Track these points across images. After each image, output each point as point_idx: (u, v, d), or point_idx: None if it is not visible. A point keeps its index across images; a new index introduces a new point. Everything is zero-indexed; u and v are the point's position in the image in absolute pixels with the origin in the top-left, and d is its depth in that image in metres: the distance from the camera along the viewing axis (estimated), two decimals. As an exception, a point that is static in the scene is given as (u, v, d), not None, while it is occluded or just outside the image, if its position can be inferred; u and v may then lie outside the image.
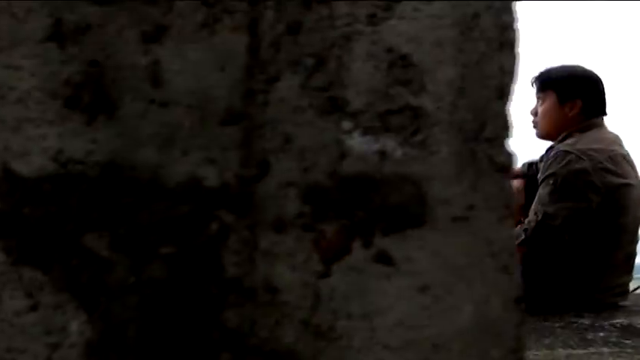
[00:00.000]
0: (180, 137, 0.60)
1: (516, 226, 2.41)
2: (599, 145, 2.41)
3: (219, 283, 0.59)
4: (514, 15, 0.66)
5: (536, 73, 2.61)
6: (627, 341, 1.76)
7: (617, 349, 1.66)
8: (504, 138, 0.65)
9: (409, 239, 0.62)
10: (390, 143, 0.63)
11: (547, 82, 2.57)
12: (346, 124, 0.63)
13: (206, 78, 0.60)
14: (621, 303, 2.53)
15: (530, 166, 2.76)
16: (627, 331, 1.93)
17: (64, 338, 0.58)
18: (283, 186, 0.61)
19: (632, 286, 3.13)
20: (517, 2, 0.66)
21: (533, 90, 2.62)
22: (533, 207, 2.38)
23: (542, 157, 2.57)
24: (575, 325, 2.06)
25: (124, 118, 0.59)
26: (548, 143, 2.60)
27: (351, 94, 0.63)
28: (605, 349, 1.67)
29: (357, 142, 0.62)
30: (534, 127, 2.61)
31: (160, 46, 0.60)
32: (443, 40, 0.64)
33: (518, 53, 0.66)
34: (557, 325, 2.06)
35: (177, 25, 0.60)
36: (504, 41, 0.65)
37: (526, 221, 2.37)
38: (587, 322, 2.09)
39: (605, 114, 2.58)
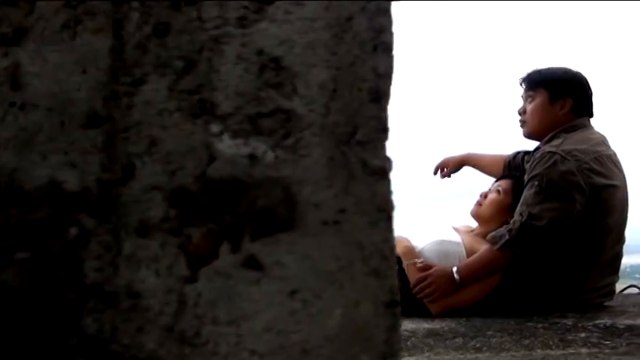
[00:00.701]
0: (40, 140, 0.59)
1: (502, 226, 2.46)
2: (584, 146, 2.42)
3: (78, 288, 0.58)
4: (390, 17, 0.66)
5: (525, 73, 2.62)
6: (607, 342, 1.77)
7: (595, 350, 1.66)
8: (379, 141, 0.64)
9: (279, 243, 0.62)
10: (260, 146, 0.62)
11: (538, 80, 2.58)
12: (215, 127, 0.62)
13: (67, 80, 0.59)
14: (607, 303, 2.56)
15: (518, 154, 2.76)
16: (609, 331, 1.93)
17: None
18: (148, 190, 0.60)
19: (620, 287, 3.17)
20: (394, 4, 0.66)
21: (521, 89, 2.63)
22: (518, 208, 2.39)
23: (529, 158, 2.58)
24: (558, 325, 2.07)
25: (-16, 121, 0.59)
26: (535, 143, 2.61)
27: (220, 97, 0.62)
28: (584, 350, 1.67)
29: (226, 145, 0.62)
30: (521, 126, 2.62)
31: (19, 49, 0.59)
32: (315, 42, 0.64)
33: (393, 56, 0.65)
34: (539, 325, 2.08)
35: (38, 27, 0.59)
36: (379, 44, 0.65)
37: (511, 222, 2.38)
38: (570, 323, 2.10)
39: (592, 115, 2.60)
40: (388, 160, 0.65)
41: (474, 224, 2.70)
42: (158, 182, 0.61)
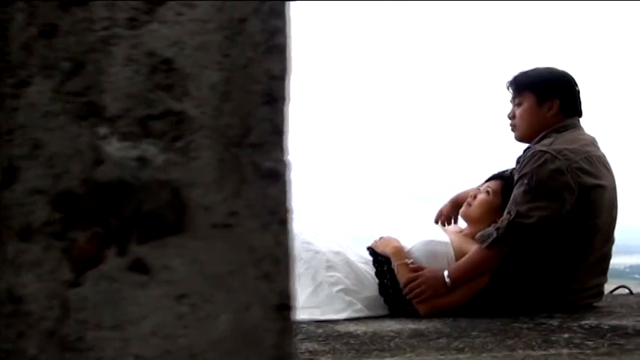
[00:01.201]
0: None
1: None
2: (575, 146, 2.42)
3: (-45, 294, 0.57)
4: (285, 19, 0.65)
5: (511, 77, 2.61)
6: (589, 342, 1.76)
7: (576, 351, 1.66)
8: (272, 144, 0.64)
9: (167, 247, 0.61)
10: (150, 149, 0.62)
11: (524, 83, 2.58)
12: (102, 130, 0.61)
13: (-53, 82, 0.58)
14: (596, 304, 2.55)
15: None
16: (593, 332, 1.93)
17: None
18: (32, 193, 0.60)
19: (608, 288, 3.18)
20: (290, 5, 0.65)
21: (509, 94, 2.63)
22: (507, 206, 2.38)
23: (519, 158, 2.57)
24: (544, 326, 2.07)
25: None
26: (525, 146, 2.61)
27: (108, 99, 0.61)
28: (565, 350, 1.67)
29: (115, 148, 0.61)
30: (512, 130, 2.61)
31: None
32: (207, 44, 0.63)
33: (289, 58, 0.65)
34: (525, 326, 2.07)
35: None
36: (273, 46, 0.64)
37: (499, 220, 2.37)
38: (555, 324, 2.10)
39: (581, 114, 2.60)
40: (283, 163, 0.64)
41: (464, 225, 2.70)
42: (42, 186, 0.60)
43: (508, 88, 2.62)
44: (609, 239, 2.55)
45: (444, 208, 2.86)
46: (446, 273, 2.42)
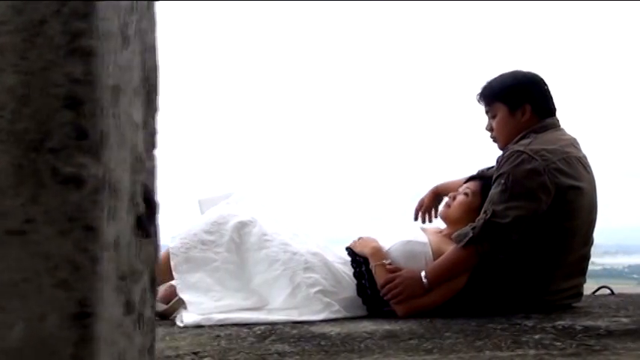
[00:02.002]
0: None
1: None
2: (553, 146, 2.39)
3: None
4: (91, 21, 0.64)
5: (479, 90, 2.59)
6: (558, 343, 1.74)
7: (543, 352, 1.64)
8: (74, 149, 0.62)
9: (-39, 255, 0.60)
10: (-55, 155, 0.61)
11: (492, 95, 2.56)
12: None
13: None
14: (575, 304, 2.53)
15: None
16: (565, 333, 1.90)
17: None
18: None
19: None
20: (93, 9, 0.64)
21: (482, 107, 2.61)
22: (484, 206, 2.36)
23: (498, 158, 2.55)
24: (518, 326, 2.05)
25: None
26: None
27: None
28: (532, 351, 1.65)
29: None
30: (494, 141, 2.59)
31: None
32: (4, 46, 0.62)
33: (92, 61, 0.63)
34: (499, 326, 2.05)
35: None
36: (75, 49, 0.63)
37: (476, 220, 2.34)
38: (530, 324, 2.07)
39: (554, 112, 2.55)
40: (87, 168, 0.63)
41: (444, 225, 2.67)
42: None
43: (479, 102, 2.60)
44: (588, 241, 2.51)
45: (425, 197, 2.83)
46: (423, 273, 2.39)
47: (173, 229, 2.59)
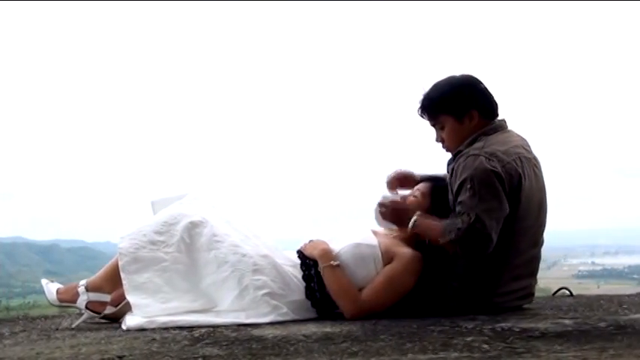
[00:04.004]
0: None
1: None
2: (505, 147, 2.37)
3: None
4: None
5: (419, 104, 2.53)
6: (485, 346, 1.71)
7: (466, 354, 1.62)
8: None
9: None
10: None
11: (435, 108, 2.51)
12: None
13: None
14: (526, 306, 2.52)
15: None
16: (500, 335, 1.88)
17: None
18: None
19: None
20: None
21: (425, 120, 2.56)
22: (460, 209, 2.29)
23: (449, 161, 2.52)
24: (457, 329, 2.02)
25: None
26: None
27: None
28: (455, 354, 1.62)
29: None
30: (447, 151, 2.55)
31: None
32: None
33: None
34: (439, 329, 2.03)
35: None
36: None
37: (458, 220, 2.27)
38: (470, 326, 2.05)
39: (496, 110, 2.52)
40: None
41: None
42: None
43: (422, 117, 2.55)
44: (537, 242, 2.49)
45: (391, 174, 2.77)
46: (415, 218, 2.42)
47: (125, 230, 2.57)
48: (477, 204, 2.25)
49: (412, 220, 2.40)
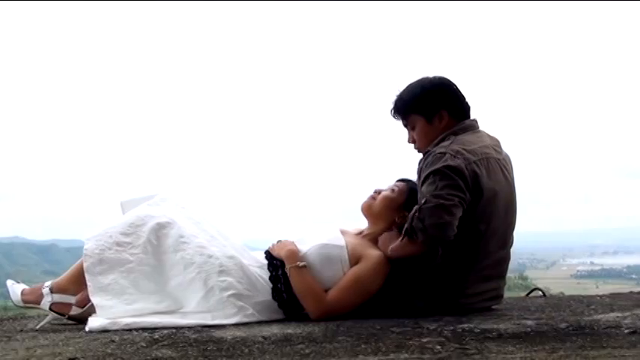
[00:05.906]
0: None
1: (390, 225, 2.49)
2: (472, 147, 2.37)
3: None
4: None
5: (391, 105, 2.56)
6: (438, 347, 1.71)
7: (416, 356, 1.61)
8: None
9: None
10: None
11: (406, 109, 2.54)
12: None
13: None
14: (495, 307, 2.51)
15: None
16: (457, 336, 1.88)
17: None
18: None
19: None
20: None
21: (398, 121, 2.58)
22: (419, 197, 2.31)
23: (420, 161, 2.51)
24: (419, 330, 2.02)
25: None
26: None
27: None
28: (405, 355, 1.62)
29: None
30: (419, 151, 2.56)
31: None
32: None
33: None
34: (398, 330, 2.02)
35: None
36: None
37: (413, 209, 2.29)
38: (432, 327, 2.04)
39: (469, 112, 2.53)
40: None
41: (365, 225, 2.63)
42: None
43: (394, 117, 2.57)
44: (506, 243, 2.48)
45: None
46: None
47: (92, 231, 2.56)
48: (436, 192, 2.25)
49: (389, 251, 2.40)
